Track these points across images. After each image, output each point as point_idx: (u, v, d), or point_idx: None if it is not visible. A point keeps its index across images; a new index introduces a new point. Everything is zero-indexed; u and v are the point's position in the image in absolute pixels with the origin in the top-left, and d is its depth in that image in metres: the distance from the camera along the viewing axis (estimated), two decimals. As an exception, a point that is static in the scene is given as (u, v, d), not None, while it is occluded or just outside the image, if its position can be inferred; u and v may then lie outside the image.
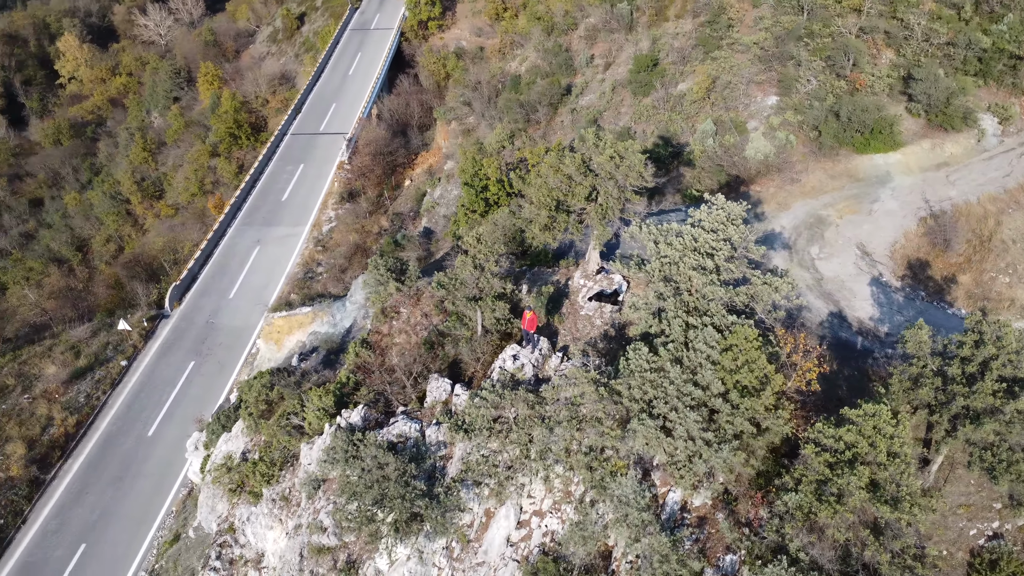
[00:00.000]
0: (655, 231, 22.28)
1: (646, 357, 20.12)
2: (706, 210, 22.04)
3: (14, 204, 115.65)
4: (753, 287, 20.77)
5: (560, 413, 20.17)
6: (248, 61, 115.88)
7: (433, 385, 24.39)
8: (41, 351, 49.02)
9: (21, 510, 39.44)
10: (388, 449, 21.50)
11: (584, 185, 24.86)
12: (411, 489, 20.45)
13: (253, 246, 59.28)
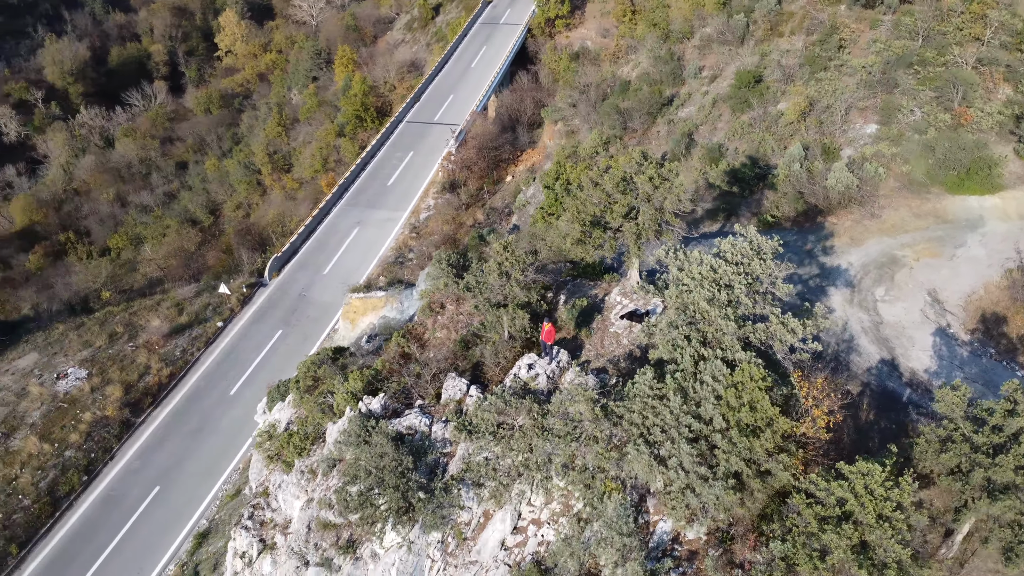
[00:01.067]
0: (681, 257, 22.02)
1: (649, 383, 20.02)
2: (731, 241, 21.57)
3: (163, 165, 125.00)
4: (770, 325, 20.20)
5: (559, 427, 20.40)
6: (383, 47, 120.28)
7: (449, 383, 25.15)
8: (150, 304, 53.43)
9: (111, 447, 43.33)
10: (395, 439, 22.46)
11: (621, 203, 24.78)
12: (405, 480, 21.34)
13: (353, 226, 61.93)
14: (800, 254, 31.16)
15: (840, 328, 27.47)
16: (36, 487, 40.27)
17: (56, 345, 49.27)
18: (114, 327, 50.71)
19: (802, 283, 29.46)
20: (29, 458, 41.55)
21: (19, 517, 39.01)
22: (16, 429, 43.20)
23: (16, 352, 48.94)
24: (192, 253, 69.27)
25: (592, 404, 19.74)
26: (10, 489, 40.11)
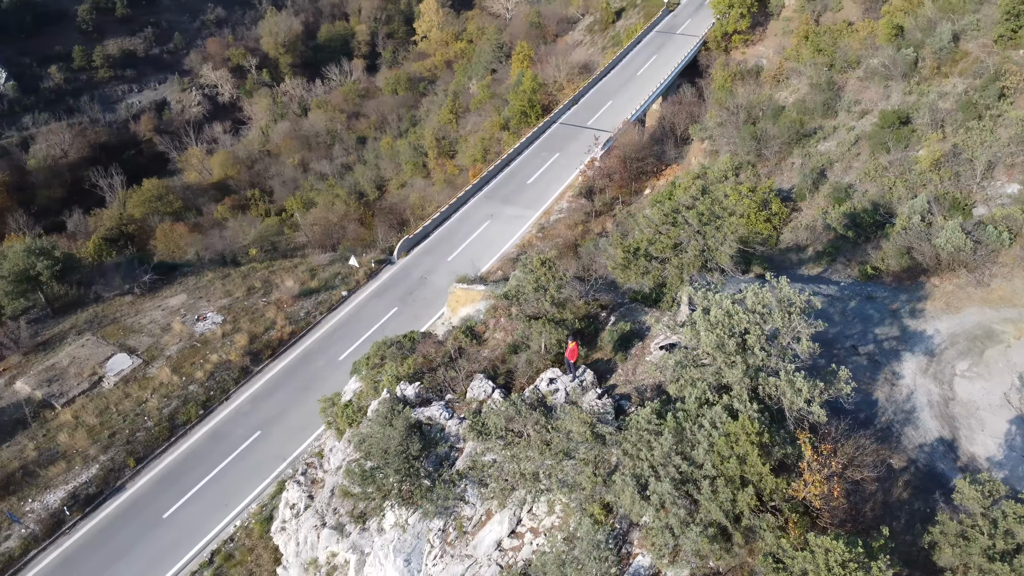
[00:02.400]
0: (711, 298, 21.72)
1: (648, 416, 20.12)
2: (755, 289, 20.93)
3: (346, 138, 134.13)
4: (778, 382, 19.57)
5: (556, 442, 20.97)
6: (562, 46, 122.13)
7: (475, 384, 26.19)
8: (288, 266, 58.41)
9: (228, 389, 48.10)
10: (413, 426, 23.92)
11: (669, 235, 24.59)
12: (408, 465, 22.70)
13: (485, 219, 64.20)
14: (884, 312, 29.42)
15: (903, 397, 25.86)
16: (160, 412, 45.58)
17: (203, 290, 55.16)
18: (253, 282, 55.96)
19: (875, 343, 27.88)
20: (160, 386, 47.04)
21: (141, 435, 44.38)
22: (155, 359, 48.99)
23: (171, 291, 55.29)
24: (335, 224, 74.47)
25: (586, 426, 20.17)
26: (139, 409, 45.67)
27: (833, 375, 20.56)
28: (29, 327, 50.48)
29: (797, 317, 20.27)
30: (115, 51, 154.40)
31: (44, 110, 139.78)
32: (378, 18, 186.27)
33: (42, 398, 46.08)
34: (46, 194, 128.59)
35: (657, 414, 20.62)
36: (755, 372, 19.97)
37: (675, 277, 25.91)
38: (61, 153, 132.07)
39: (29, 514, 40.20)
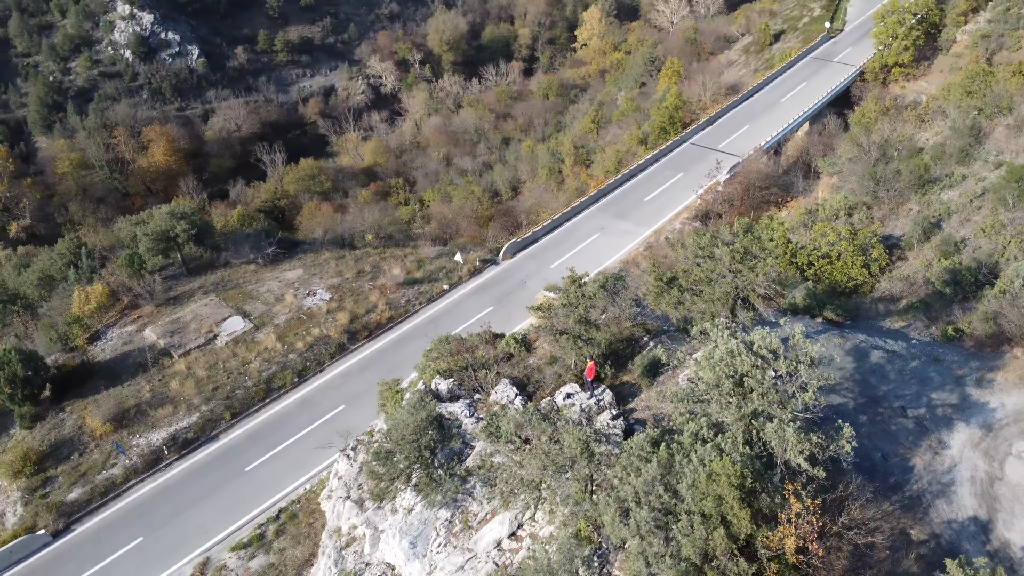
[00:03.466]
0: (721, 336, 21.46)
1: (641, 443, 20.36)
2: (763, 333, 20.45)
3: (491, 137, 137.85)
4: (769, 428, 19.11)
5: (555, 454, 21.58)
6: (715, 65, 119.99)
7: (499, 387, 27.01)
8: (399, 254, 61.49)
9: (323, 362, 51.47)
10: (435, 419, 25.17)
11: (702, 269, 24.28)
12: (418, 454, 23.95)
13: (595, 231, 64.76)
14: (947, 377, 27.74)
15: (943, 468, 24.47)
16: (259, 374, 49.53)
17: (318, 268, 59.18)
18: (364, 265, 59.39)
19: (929, 407, 26.40)
20: (264, 351, 51.08)
21: (240, 393, 48.45)
22: (264, 325, 53.20)
23: (289, 265, 59.71)
24: (450, 219, 77.19)
25: (580, 443, 20.71)
26: (242, 369, 49.84)
27: (837, 431, 20.03)
28: (164, 282, 56.20)
29: (805, 367, 19.89)
30: (295, 37, 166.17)
31: (226, 87, 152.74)
32: (542, 23, 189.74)
33: (163, 347, 51.25)
34: (217, 163, 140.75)
35: (652, 442, 20.86)
36: (751, 416, 19.81)
37: (708, 311, 25.74)
38: (235, 127, 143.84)
39: (134, 448, 45.00)
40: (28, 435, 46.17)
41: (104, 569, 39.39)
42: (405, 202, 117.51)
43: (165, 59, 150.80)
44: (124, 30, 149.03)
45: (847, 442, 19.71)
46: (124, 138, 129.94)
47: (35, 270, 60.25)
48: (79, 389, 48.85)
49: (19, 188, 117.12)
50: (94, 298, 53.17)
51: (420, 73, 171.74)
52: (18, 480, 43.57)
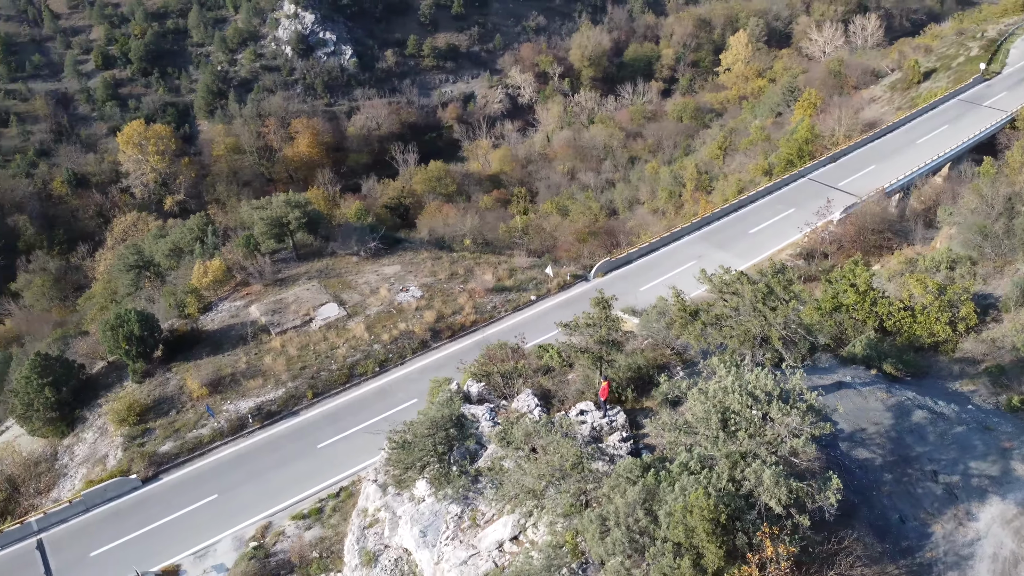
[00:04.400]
0: (725, 374, 21.36)
1: (629, 466, 20.75)
2: (758, 373, 20.13)
3: (619, 155, 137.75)
4: (749, 468, 18.91)
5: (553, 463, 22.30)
6: (856, 100, 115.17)
7: (521, 397, 27.76)
8: (493, 261, 63.34)
9: (404, 356, 53.96)
10: (457, 418, 26.37)
11: (726, 303, 24.03)
12: (432, 448, 25.18)
13: (692, 259, 64.13)
14: (992, 448, 26.13)
15: (965, 540, 23.31)
16: (344, 360, 52.61)
17: (414, 266, 61.96)
18: (458, 268, 61.63)
19: (963, 476, 25.07)
20: (352, 338, 54.17)
21: (324, 375, 51.65)
22: (357, 314, 56.38)
23: (389, 261, 62.84)
24: (548, 232, 78.25)
25: (573, 457, 21.39)
26: (330, 353, 53.09)
27: (826, 481, 19.78)
28: (275, 265, 60.60)
29: (799, 413, 19.76)
30: (442, 44, 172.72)
31: (373, 87, 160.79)
32: (687, 44, 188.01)
33: (264, 324, 55.35)
34: (355, 158, 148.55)
35: (644, 467, 21.30)
36: (738, 454, 19.87)
37: (729, 347, 25.61)
38: (376, 126, 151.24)
39: (223, 413, 48.97)
40: (137, 389, 51.18)
41: (180, 518, 43.21)
42: (524, 211, 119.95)
43: (321, 57, 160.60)
44: (287, 28, 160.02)
45: (832, 494, 19.44)
46: (274, 128, 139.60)
47: (168, 241, 66.49)
48: (186, 353, 53.60)
49: (178, 166, 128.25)
50: (212, 272, 58.12)
51: (558, 86, 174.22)
52: (122, 428, 48.44)
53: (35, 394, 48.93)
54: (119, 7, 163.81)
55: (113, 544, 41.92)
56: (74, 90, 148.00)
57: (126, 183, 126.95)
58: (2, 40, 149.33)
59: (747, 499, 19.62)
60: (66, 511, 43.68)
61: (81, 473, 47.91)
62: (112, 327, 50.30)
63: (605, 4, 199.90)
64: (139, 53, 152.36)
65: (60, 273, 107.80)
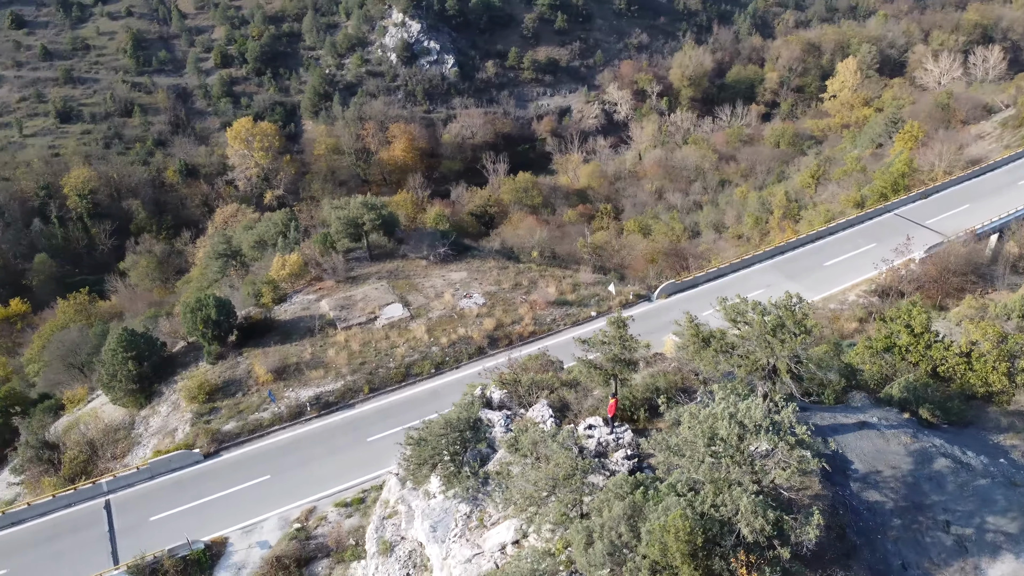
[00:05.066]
0: (720, 401, 21.44)
1: (619, 482, 21.22)
2: (749, 403, 20.05)
3: (709, 177, 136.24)
4: (727, 494, 18.94)
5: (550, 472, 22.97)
6: (963, 135, 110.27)
7: (537, 407, 28.30)
8: (558, 275, 64.12)
9: (460, 360, 55.22)
10: (474, 420, 27.33)
11: (736, 333, 23.92)
12: (443, 448, 26.22)
13: (761, 287, 62.96)
14: (1015, 503, 25.08)
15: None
16: (402, 359, 54.51)
17: (480, 274, 63.44)
18: (522, 279, 62.74)
19: (978, 530, 24.22)
20: (412, 339, 56.04)
21: (382, 372, 53.67)
22: (419, 316, 58.27)
23: (456, 267, 64.56)
24: (616, 249, 78.29)
25: (567, 468, 22.05)
26: (389, 351, 55.12)
27: (809, 515, 19.80)
28: (348, 263, 63.28)
29: (786, 446, 19.85)
30: (542, 58, 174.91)
31: (471, 96, 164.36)
32: (793, 68, 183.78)
33: (331, 318, 57.94)
34: (448, 165, 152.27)
35: (635, 484, 21.81)
36: (721, 480, 20.11)
37: (738, 375, 25.57)
38: (470, 134, 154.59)
39: (284, 399, 51.63)
40: (210, 370, 54.52)
41: (234, 493, 45.89)
42: (607, 227, 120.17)
43: (423, 65, 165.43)
44: (394, 35, 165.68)
45: (812, 529, 19.47)
46: (373, 131, 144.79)
47: (255, 233, 70.40)
48: (258, 340, 56.70)
49: (279, 162, 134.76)
50: (289, 266, 61.27)
51: (655, 105, 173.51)
52: (192, 404, 51.75)
53: (119, 366, 52.85)
54: (241, 9, 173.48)
55: (171, 511, 44.92)
56: (193, 86, 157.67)
57: (231, 176, 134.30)
58: (134, 36, 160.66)
59: (726, 525, 19.87)
60: (133, 476, 47.08)
61: (153, 443, 51.43)
62: (192, 310, 53.84)
63: (711, 24, 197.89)
64: (255, 54, 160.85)
65: (164, 256, 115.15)
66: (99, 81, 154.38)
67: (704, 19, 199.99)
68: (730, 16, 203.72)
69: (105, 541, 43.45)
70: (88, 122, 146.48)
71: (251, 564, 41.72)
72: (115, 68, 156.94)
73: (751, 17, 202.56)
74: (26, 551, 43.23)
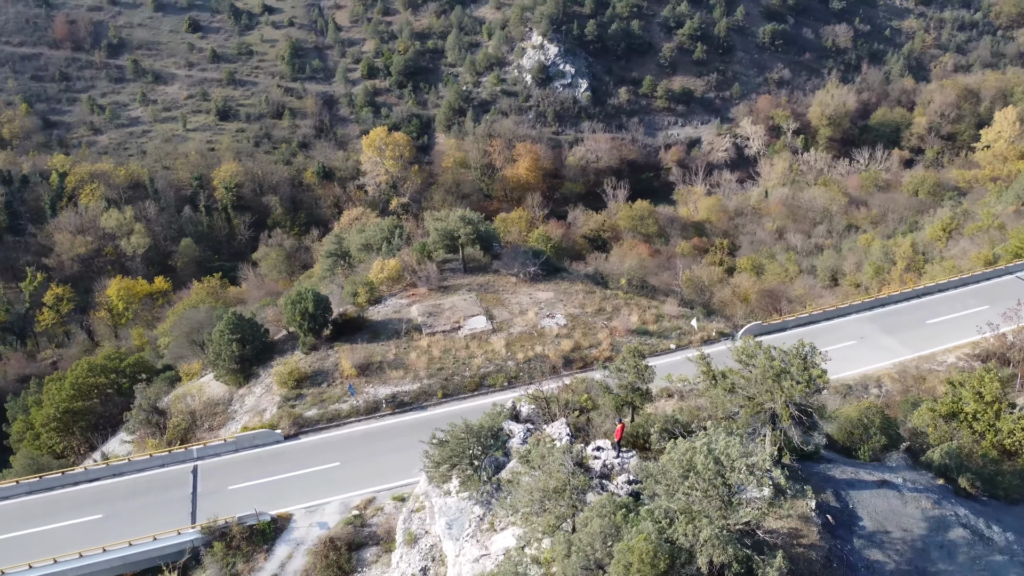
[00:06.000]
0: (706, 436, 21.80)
1: (604, 503, 22.19)
2: (728, 441, 20.21)
3: (836, 221, 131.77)
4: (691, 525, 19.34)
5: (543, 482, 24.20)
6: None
7: (555, 425, 29.32)
8: (643, 304, 64.47)
9: (533, 377, 56.47)
10: (496, 430, 28.84)
11: (747, 375, 23.89)
12: (460, 452, 27.80)
13: (853, 338, 61.29)
14: None
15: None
16: (478, 370, 56.71)
17: (566, 295, 64.82)
18: (606, 305, 63.63)
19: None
20: (490, 351, 58.17)
21: (456, 379, 56.10)
22: (500, 330, 60.33)
23: (544, 286, 66.20)
24: (706, 284, 77.35)
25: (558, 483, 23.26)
26: (467, 361, 57.47)
27: (771, 556, 20.18)
28: (442, 273, 66.37)
29: (756, 484, 20.31)
30: (677, 87, 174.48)
31: (600, 120, 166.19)
32: (945, 115, 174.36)
33: (419, 323, 61.04)
34: (569, 187, 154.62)
35: (619, 506, 22.83)
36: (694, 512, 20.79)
37: (743, 414, 25.66)
38: (594, 158, 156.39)
39: (363, 394, 54.98)
40: (302, 359, 58.77)
41: (305, 475, 49.40)
42: (720, 263, 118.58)
43: (557, 87, 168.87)
44: (531, 57, 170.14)
45: (775, 572, 19.88)
46: (499, 148, 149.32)
47: (363, 237, 74.97)
48: (349, 336, 60.53)
49: (408, 172, 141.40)
50: (387, 270, 65.05)
51: (789, 142, 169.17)
52: (282, 389, 56.02)
53: (224, 346, 57.95)
54: (391, 24, 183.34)
55: (247, 483, 48.95)
56: (340, 94, 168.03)
57: (362, 181, 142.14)
58: (292, 44, 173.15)
59: (689, 554, 20.58)
60: (220, 447, 51.61)
61: (244, 420, 56.04)
62: (292, 302, 58.35)
63: (859, 63, 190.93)
64: (399, 67, 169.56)
65: (292, 251, 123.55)
66: (257, 84, 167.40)
67: (853, 57, 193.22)
68: (882, 56, 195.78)
69: (187, 502, 47.94)
70: (243, 121, 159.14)
71: (308, 541, 44.90)
72: (272, 73, 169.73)
73: (905, 58, 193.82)
74: (121, 500, 48.38)
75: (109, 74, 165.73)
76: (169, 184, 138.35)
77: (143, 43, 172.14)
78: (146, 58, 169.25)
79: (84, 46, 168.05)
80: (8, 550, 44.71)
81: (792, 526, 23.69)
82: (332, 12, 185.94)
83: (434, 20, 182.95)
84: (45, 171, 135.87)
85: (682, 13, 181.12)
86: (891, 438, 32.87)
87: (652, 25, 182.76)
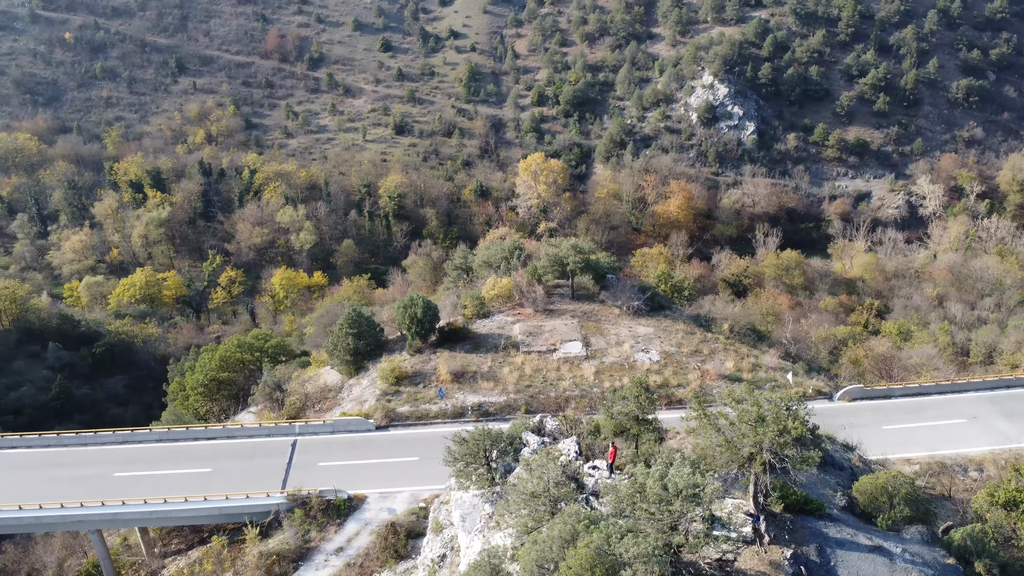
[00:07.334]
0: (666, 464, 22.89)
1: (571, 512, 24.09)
2: (684, 472, 21.07)
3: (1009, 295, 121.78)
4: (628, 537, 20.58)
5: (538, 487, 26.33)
6: None
7: (566, 441, 30.93)
8: (743, 352, 63.59)
9: (616, 407, 58.47)
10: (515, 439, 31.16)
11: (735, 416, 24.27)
12: (476, 454, 30.25)
13: (962, 416, 57.60)
14: None
15: None
16: (563, 392, 58.73)
17: (665, 333, 65.41)
18: (704, 348, 63.60)
19: None
20: (579, 377, 60.07)
21: (541, 397, 58.39)
22: (593, 358, 62.18)
23: (646, 321, 66.78)
24: (821, 339, 74.55)
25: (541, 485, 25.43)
26: (555, 382, 59.83)
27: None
28: (549, 297, 69.21)
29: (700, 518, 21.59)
30: (851, 138, 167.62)
31: (764, 165, 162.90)
32: None
33: (517, 341, 64.22)
34: (721, 229, 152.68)
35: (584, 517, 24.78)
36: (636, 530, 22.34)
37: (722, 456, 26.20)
38: (751, 202, 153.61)
39: (452, 399, 58.79)
40: (407, 359, 63.63)
41: (387, 463, 53.71)
42: (865, 324, 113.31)
43: (722, 128, 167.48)
44: (700, 96, 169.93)
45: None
46: (653, 183, 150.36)
47: (485, 253, 79.40)
48: (452, 344, 64.79)
49: (559, 198, 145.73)
50: (498, 288, 68.84)
51: (971, 206, 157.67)
52: (383, 383, 61.05)
53: (341, 339, 63.96)
54: (566, 55, 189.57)
55: (336, 463, 54.01)
56: (508, 118, 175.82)
57: (515, 203, 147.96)
58: (472, 68, 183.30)
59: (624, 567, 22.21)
60: (319, 428, 57.21)
61: (347, 407, 61.56)
62: (404, 306, 63.47)
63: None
64: (567, 96, 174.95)
65: (439, 261, 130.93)
66: (434, 103, 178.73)
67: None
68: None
69: (282, 471, 53.66)
70: (416, 136, 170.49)
71: (376, 523, 49.05)
72: (449, 94, 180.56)
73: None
74: (228, 460, 54.97)
75: (307, 85, 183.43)
76: (341, 189, 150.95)
77: (339, 58, 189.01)
78: (340, 72, 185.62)
79: (289, 58, 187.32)
80: (132, 485, 52.26)
81: (760, 569, 24.60)
82: (512, 40, 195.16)
83: (608, 54, 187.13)
84: (239, 167, 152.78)
85: (867, 62, 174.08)
86: (917, 511, 31.92)
87: (832, 72, 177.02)
